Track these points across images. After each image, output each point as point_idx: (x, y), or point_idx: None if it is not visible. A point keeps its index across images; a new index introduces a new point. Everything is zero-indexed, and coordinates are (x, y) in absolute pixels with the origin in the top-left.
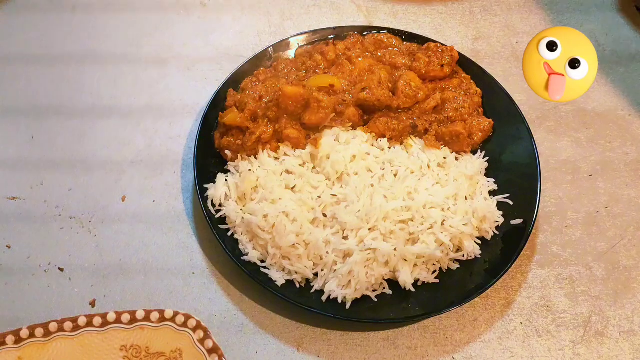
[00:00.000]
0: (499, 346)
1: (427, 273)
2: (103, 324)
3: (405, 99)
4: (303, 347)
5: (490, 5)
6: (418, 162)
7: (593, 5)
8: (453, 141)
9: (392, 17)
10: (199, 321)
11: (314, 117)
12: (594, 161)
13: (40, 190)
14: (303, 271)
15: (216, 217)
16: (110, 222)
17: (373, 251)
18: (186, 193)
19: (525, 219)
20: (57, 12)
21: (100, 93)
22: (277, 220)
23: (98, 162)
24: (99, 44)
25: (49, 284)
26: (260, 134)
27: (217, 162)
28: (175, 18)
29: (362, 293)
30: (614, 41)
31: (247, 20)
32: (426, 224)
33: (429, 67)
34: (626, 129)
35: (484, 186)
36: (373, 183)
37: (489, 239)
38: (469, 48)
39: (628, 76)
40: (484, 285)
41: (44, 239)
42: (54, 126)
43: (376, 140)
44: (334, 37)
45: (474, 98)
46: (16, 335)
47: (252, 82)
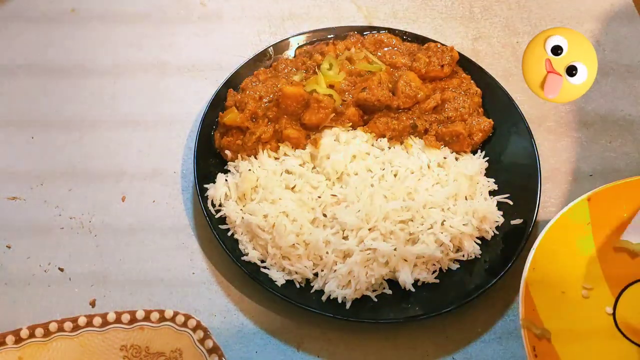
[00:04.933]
0: (499, 346)
1: (427, 273)
2: (103, 324)
3: (405, 99)
4: (303, 347)
5: (490, 5)
6: (418, 162)
7: (593, 4)
8: (453, 141)
9: (392, 17)
10: (199, 321)
11: (314, 117)
12: (594, 161)
13: (40, 190)
14: (303, 271)
15: (216, 217)
16: (110, 222)
17: (373, 251)
18: (186, 193)
19: (525, 219)
20: (56, 13)
21: (100, 93)
22: (277, 220)
23: (98, 162)
24: (98, 44)
25: (49, 284)
26: (260, 134)
27: (217, 162)
28: (175, 18)
29: (362, 293)
30: (614, 41)
31: (247, 20)
32: (426, 224)
33: (429, 67)
34: (626, 129)
35: (484, 186)
36: (373, 183)
37: (489, 239)
38: (469, 48)
39: (628, 76)
40: (484, 285)
41: (44, 239)
42: (54, 126)
43: (376, 140)
44: (334, 37)
45: (474, 98)
46: (16, 335)
47: (252, 82)
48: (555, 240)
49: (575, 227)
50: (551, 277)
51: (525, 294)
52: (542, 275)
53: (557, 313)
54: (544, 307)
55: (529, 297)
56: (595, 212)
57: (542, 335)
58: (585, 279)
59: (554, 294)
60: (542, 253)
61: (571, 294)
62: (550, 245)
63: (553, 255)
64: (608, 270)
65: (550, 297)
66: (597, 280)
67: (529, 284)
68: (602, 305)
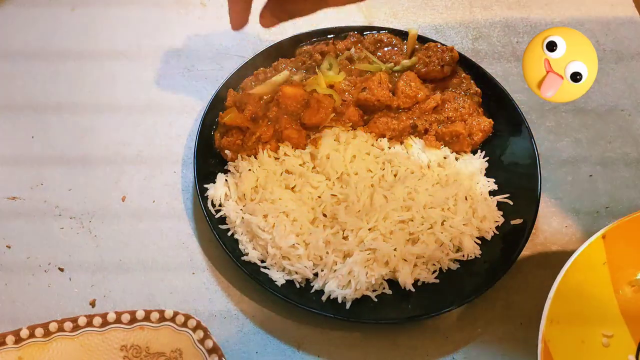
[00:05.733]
0: (499, 346)
1: (427, 273)
2: (103, 324)
3: (405, 99)
4: (303, 347)
5: (490, 5)
6: (418, 162)
7: (593, 4)
8: (453, 141)
9: (392, 17)
10: (199, 321)
11: (314, 117)
12: (594, 161)
13: (40, 190)
14: (303, 271)
15: (216, 217)
16: (110, 222)
17: (373, 251)
18: (186, 193)
19: (525, 219)
20: (56, 10)
21: (100, 93)
22: (277, 220)
23: (98, 162)
24: (98, 44)
25: (49, 284)
26: (260, 134)
27: (217, 162)
28: (175, 18)
29: (362, 293)
30: (614, 40)
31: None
32: (426, 224)
33: (429, 67)
34: (626, 129)
35: (484, 186)
36: (373, 183)
37: (489, 239)
38: (469, 48)
39: (628, 76)
40: (484, 285)
41: (44, 239)
42: (54, 126)
43: (376, 140)
44: (334, 37)
45: (474, 98)
46: (16, 335)
47: (252, 82)
48: (571, 286)
49: (591, 268)
50: (569, 328)
51: (544, 352)
52: (561, 326)
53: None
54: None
55: (547, 353)
56: (611, 251)
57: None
58: (604, 325)
59: (573, 346)
60: (558, 302)
61: (591, 343)
62: (567, 292)
63: (570, 303)
64: (628, 313)
65: (570, 350)
66: (617, 325)
67: (547, 340)
68: (624, 353)
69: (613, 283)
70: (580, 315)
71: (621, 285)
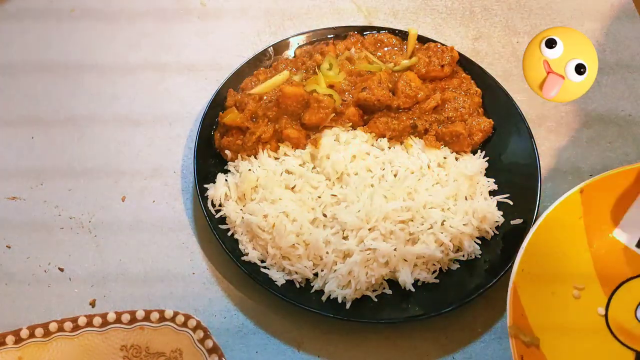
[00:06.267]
0: (499, 346)
1: (427, 273)
2: (103, 324)
3: (405, 99)
4: (303, 347)
5: (490, 5)
6: (418, 162)
7: (593, 4)
8: (453, 141)
9: (392, 17)
10: (199, 321)
11: (314, 117)
12: (594, 161)
13: (40, 190)
14: (303, 271)
15: (216, 217)
16: (110, 223)
17: (373, 251)
18: (186, 193)
19: (525, 219)
20: (56, 13)
21: (100, 93)
22: (277, 220)
23: (98, 163)
24: (98, 44)
25: (49, 284)
26: (260, 134)
27: (217, 162)
28: (174, 18)
29: (362, 293)
30: (614, 41)
31: (246, 20)
32: (426, 224)
33: (429, 67)
34: (626, 129)
35: (484, 186)
36: (373, 183)
37: (489, 239)
38: (469, 48)
39: (628, 76)
40: (484, 285)
41: (44, 239)
42: (54, 126)
43: (376, 140)
44: (334, 37)
45: (474, 98)
46: (16, 335)
47: (252, 82)
48: (546, 238)
49: (567, 222)
50: (541, 278)
51: (514, 299)
52: (531, 276)
53: (546, 316)
54: (533, 312)
55: (517, 302)
56: (587, 205)
57: (530, 343)
58: (576, 277)
59: (543, 296)
60: (531, 252)
61: (562, 295)
62: (540, 243)
63: (543, 254)
64: (601, 268)
65: (540, 300)
66: (589, 278)
67: (517, 287)
68: (594, 305)
69: (588, 237)
70: (552, 268)
71: (595, 240)
